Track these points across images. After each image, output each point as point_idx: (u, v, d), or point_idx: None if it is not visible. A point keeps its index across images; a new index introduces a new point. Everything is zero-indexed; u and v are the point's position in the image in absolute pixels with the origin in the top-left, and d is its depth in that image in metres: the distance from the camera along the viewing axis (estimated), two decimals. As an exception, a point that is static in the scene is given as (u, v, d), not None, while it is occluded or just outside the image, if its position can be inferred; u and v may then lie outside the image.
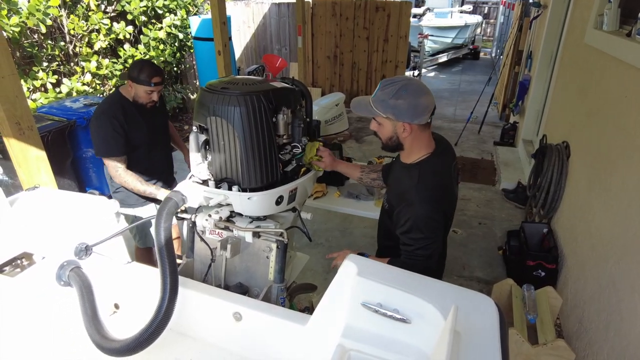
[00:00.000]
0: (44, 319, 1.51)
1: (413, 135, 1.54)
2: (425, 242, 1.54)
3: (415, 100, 1.47)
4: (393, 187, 1.71)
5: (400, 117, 1.50)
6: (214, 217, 1.50)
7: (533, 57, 5.48)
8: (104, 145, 2.27)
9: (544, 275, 2.87)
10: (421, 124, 1.52)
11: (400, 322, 1.13)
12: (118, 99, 2.33)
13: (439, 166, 1.60)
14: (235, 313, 1.41)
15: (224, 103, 1.38)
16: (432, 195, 1.53)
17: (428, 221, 1.52)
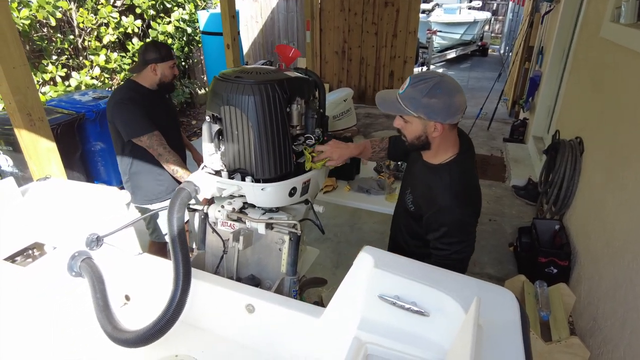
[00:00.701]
0: (55, 309, 1.51)
1: (442, 135, 1.47)
2: (460, 246, 1.50)
3: (450, 99, 1.40)
4: (420, 190, 1.62)
5: (432, 117, 1.42)
6: (227, 208, 1.48)
7: (544, 52, 5.41)
8: (135, 124, 2.19)
9: (556, 272, 2.83)
10: (452, 123, 1.46)
11: (418, 315, 1.10)
12: (133, 87, 2.30)
13: (467, 164, 1.55)
14: (248, 305, 1.40)
15: (238, 92, 1.35)
16: (465, 198, 1.48)
17: (463, 225, 1.48)
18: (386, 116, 7.03)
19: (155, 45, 2.28)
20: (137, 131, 2.19)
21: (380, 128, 6.45)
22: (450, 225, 1.48)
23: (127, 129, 2.22)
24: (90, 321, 1.40)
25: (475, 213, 1.52)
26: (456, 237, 1.49)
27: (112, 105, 2.26)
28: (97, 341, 1.42)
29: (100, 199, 1.66)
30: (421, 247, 1.64)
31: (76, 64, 4.61)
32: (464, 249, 1.51)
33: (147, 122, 2.20)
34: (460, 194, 1.47)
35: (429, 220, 1.54)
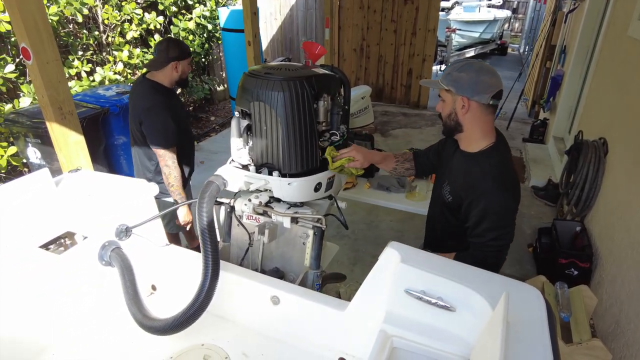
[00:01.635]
0: (87, 295, 1.56)
1: (472, 115, 1.49)
2: (499, 232, 1.48)
3: (477, 76, 1.44)
4: (459, 179, 1.60)
5: (459, 91, 1.46)
6: (253, 202, 1.51)
7: (567, 51, 5.32)
8: (162, 137, 2.29)
9: (576, 274, 2.80)
10: (481, 102, 1.46)
11: (444, 310, 1.12)
12: (156, 88, 2.36)
13: (505, 156, 1.56)
14: (273, 297, 1.43)
15: (267, 88, 1.38)
16: (506, 183, 1.48)
17: (503, 210, 1.47)
18: (403, 114, 7.00)
19: (177, 43, 2.33)
20: (161, 143, 2.29)
21: (397, 126, 6.43)
22: (489, 210, 1.46)
23: (153, 137, 2.31)
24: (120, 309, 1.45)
25: (515, 199, 1.50)
26: (496, 223, 1.47)
27: (145, 110, 2.31)
28: (126, 328, 1.46)
29: (129, 191, 1.71)
30: (456, 246, 1.64)
31: (100, 59, 4.71)
32: (503, 236, 1.49)
33: (172, 134, 2.29)
34: (499, 178, 1.47)
35: (469, 208, 1.52)
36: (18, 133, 3.35)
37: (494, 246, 1.50)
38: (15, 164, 3.45)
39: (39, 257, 1.51)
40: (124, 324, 1.49)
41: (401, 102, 7.43)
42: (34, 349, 1.40)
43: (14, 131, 3.36)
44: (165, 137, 2.29)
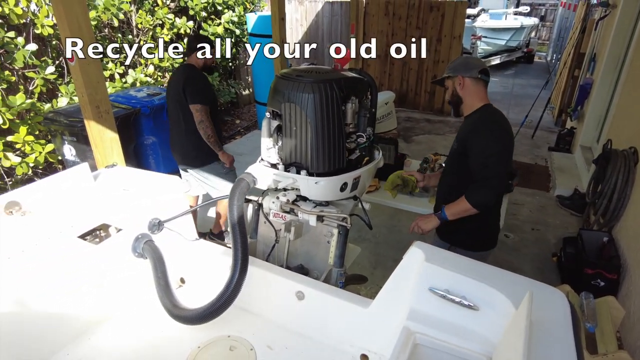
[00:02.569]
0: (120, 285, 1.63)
1: (467, 89, 1.94)
2: (496, 158, 1.82)
3: (465, 59, 2.01)
4: (462, 128, 2.02)
5: (455, 72, 1.95)
6: (281, 200, 1.56)
7: (597, 59, 5.22)
8: (200, 94, 2.79)
9: (603, 285, 2.74)
10: (472, 77, 1.92)
11: (468, 309, 1.14)
12: (194, 67, 2.90)
13: (498, 111, 1.97)
14: (298, 292, 1.47)
15: (298, 90, 1.43)
16: (498, 121, 1.90)
17: (498, 142, 1.84)
18: (427, 120, 6.98)
19: (197, 36, 3.09)
20: (199, 100, 2.77)
21: (420, 132, 6.41)
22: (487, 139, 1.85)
23: (194, 96, 2.78)
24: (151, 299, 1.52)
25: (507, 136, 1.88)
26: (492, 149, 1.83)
27: (187, 78, 2.81)
28: (157, 318, 1.53)
29: (161, 187, 1.78)
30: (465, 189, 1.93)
31: (132, 62, 4.88)
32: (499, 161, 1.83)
33: (207, 96, 2.83)
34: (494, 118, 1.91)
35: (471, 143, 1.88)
36: (55, 131, 3.51)
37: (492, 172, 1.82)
38: (52, 160, 3.61)
39: (79, 247, 1.60)
40: (155, 314, 1.55)
41: (425, 108, 7.41)
42: (70, 334, 1.48)
43: (52, 129, 3.52)
44: (203, 96, 2.79)
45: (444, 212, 1.95)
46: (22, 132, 3.33)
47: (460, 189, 1.95)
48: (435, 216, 2.01)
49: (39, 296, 1.41)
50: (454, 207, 1.93)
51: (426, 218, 2.04)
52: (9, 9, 3.31)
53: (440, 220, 1.98)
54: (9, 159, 3.31)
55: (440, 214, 1.97)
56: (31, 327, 1.38)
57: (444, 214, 1.95)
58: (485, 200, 1.85)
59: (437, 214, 1.99)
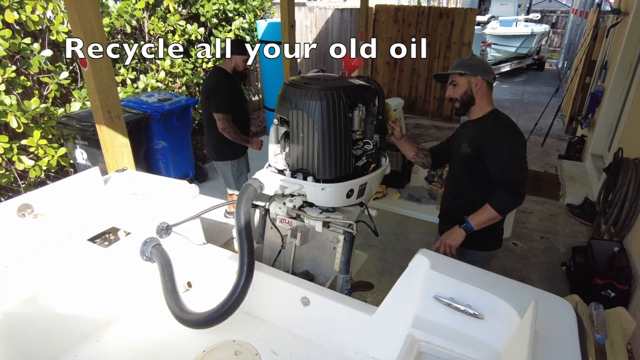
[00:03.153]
0: (127, 288, 1.65)
1: (482, 91, 1.92)
2: (518, 163, 1.83)
3: (483, 62, 2.00)
4: (475, 135, 1.95)
5: (474, 72, 1.89)
6: (287, 205, 1.57)
7: (609, 67, 5.18)
8: (222, 103, 3.03)
9: (614, 295, 2.70)
10: (489, 80, 1.92)
11: (473, 318, 1.13)
12: (220, 72, 3.16)
13: (506, 115, 1.96)
14: (303, 298, 1.48)
15: (305, 97, 1.45)
16: (512, 125, 1.88)
17: (518, 148, 1.85)
18: (436, 127, 6.96)
19: (234, 41, 3.17)
20: (221, 109, 3.03)
21: (429, 139, 6.40)
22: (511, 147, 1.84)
23: (214, 104, 3.05)
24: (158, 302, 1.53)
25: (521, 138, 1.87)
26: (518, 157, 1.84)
27: (209, 87, 3.09)
28: (163, 321, 1.54)
29: (170, 191, 1.81)
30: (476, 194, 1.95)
31: (144, 67, 4.95)
32: (524, 167, 1.85)
33: (228, 104, 3.04)
34: (512, 125, 1.89)
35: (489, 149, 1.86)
36: (68, 135, 3.57)
37: (520, 178, 1.82)
38: (64, 164, 3.66)
39: (88, 250, 1.62)
40: (162, 317, 1.57)
41: (434, 115, 7.40)
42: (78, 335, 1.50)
43: (64, 133, 3.58)
44: (225, 104, 3.02)
45: (469, 223, 1.88)
46: (36, 135, 3.39)
47: (473, 195, 1.95)
48: (460, 228, 1.91)
49: (48, 297, 1.43)
50: (479, 216, 1.87)
51: (451, 234, 1.94)
52: (26, 16, 3.38)
53: (466, 232, 1.90)
54: (23, 162, 3.37)
55: (465, 226, 1.89)
56: (40, 328, 1.40)
57: (470, 225, 1.88)
58: (512, 206, 1.89)
59: (463, 226, 1.90)
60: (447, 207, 2.14)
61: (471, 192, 1.97)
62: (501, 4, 12.68)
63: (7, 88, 3.32)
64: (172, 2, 4.89)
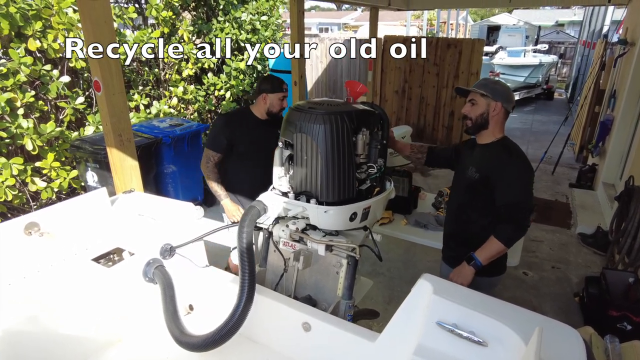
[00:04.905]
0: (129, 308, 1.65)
1: (498, 117, 1.89)
2: (528, 197, 1.82)
3: (508, 90, 1.94)
4: (485, 160, 1.93)
5: (496, 96, 1.86)
6: (290, 228, 1.57)
7: (617, 96, 5.18)
8: (209, 138, 2.54)
9: (630, 329, 2.60)
10: (507, 109, 1.89)
11: (476, 345, 1.10)
12: (242, 111, 2.66)
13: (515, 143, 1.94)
14: (304, 323, 1.45)
15: (310, 121, 1.47)
16: (522, 155, 1.88)
17: (524, 178, 1.83)
18: (444, 155, 6.94)
19: (268, 78, 2.55)
20: (207, 143, 2.53)
21: (437, 167, 6.38)
22: (519, 176, 1.83)
23: (207, 138, 2.59)
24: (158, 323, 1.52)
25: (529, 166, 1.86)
26: (524, 187, 1.83)
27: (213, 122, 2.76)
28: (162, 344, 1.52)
29: (175, 213, 1.82)
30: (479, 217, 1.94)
31: (157, 94, 5.10)
32: (529, 200, 1.83)
33: (219, 142, 2.48)
34: (521, 154, 1.89)
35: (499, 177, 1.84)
36: (80, 158, 3.65)
37: (524, 209, 1.80)
38: (75, 186, 3.73)
39: (92, 269, 1.63)
40: (162, 339, 1.55)
41: (442, 143, 7.41)
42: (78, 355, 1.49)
43: (77, 156, 3.66)
44: (211, 140, 2.51)
45: (477, 260, 1.82)
46: (49, 158, 3.47)
47: (476, 217, 1.94)
48: (469, 266, 1.85)
49: (49, 317, 1.43)
50: (486, 251, 1.82)
51: (460, 273, 1.87)
52: (47, 44, 3.53)
53: (475, 269, 1.84)
54: (36, 183, 3.44)
55: (474, 263, 1.83)
56: (39, 347, 1.39)
57: (478, 262, 1.82)
58: (517, 238, 1.85)
59: (472, 263, 1.83)
60: (451, 229, 2.12)
61: (474, 214, 1.96)
62: (509, 35, 12.90)
63: (25, 112, 3.43)
64: (187, 32, 5.07)
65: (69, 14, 3.57)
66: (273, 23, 6.24)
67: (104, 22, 2.24)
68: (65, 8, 3.53)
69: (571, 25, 21.15)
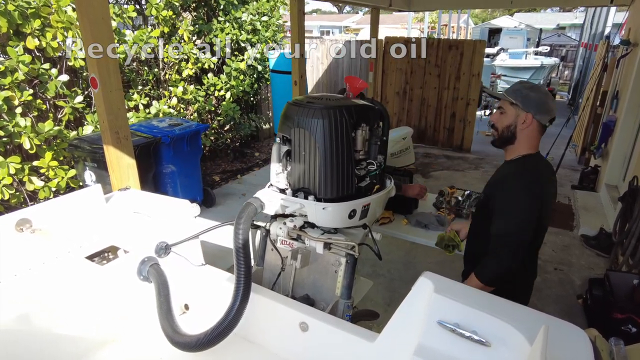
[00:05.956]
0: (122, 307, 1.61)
1: (529, 130, 1.63)
2: (514, 229, 1.56)
3: (545, 98, 1.61)
4: (495, 178, 1.80)
5: (526, 107, 1.60)
6: (288, 225, 1.54)
7: (620, 97, 5.14)
8: None
9: (635, 331, 2.56)
10: (541, 122, 1.61)
11: (479, 345, 1.06)
12: None
13: (542, 163, 1.67)
14: (302, 323, 1.41)
15: (308, 115, 1.44)
16: (529, 184, 1.58)
17: (519, 207, 1.56)
18: (446, 157, 6.92)
19: None
20: None
21: (439, 168, 6.35)
22: (508, 203, 1.60)
23: None
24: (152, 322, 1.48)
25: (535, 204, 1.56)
26: (511, 219, 1.58)
27: None
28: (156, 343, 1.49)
29: (171, 210, 1.78)
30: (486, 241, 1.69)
31: (157, 94, 5.07)
32: (515, 240, 1.56)
33: None
34: (525, 178, 1.60)
35: (494, 200, 1.66)
36: (79, 157, 3.62)
37: (507, 248, 1.57)
38: (73, 185, 3.70)
39: (85, 267, 1.60)
40: (156, 339, 1.51)
41: (444, 144, 7.38)
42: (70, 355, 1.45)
43: (75, 155, 3.63)
44: None
45: None
46: (47, 157, 3.44)
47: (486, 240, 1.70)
48: None
49: (41, 316, 1.39)
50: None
51: None
52: (46, 43, 3.51)
53: None
54: (33, 182, 3.42)
55: None
56: (31, 347, 1.35)
57: None
58: (496, 276, 1.61)
59: None
60: (467, 246, 2.00)
61: (485, 236, 1.71)
62: (510, 37, 12.92)
63: (23, 110, 3.40)
64: (187, 32, 5.05)
65: (68, 13, 3.55)
66: (274, 24, 6.23)
67: (102, 19, 2.22)
68: (64, 6, 3.51)
69: (572, 28, 21.13)
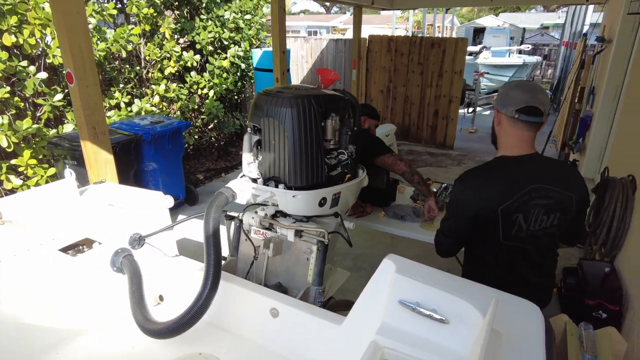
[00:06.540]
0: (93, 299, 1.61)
1: (502, 128, 1.55)
2: (445, 216, 1.74)
3: (507, 90, 1.53)
4: None
5: (495, 104, 1.57)
6: (260, 214, 1.56)
7: (596, 92, 5.26)
8: None
9: (605, 317, 2.63)
10: (508, 115, 1.50)
11: (438, 323, 1.09)
12: None
13: (508, 165, 1.54)
14: (272, 309, 1.44)
15: (277, 105, 1.47)
16: (468, 180, 1.61)
17: (452, 199, 1.72)
18: (429, 154, 7.00)
19: (370, 106, 3.05)
20: None
21: (422, 164, 6.42)
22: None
23: None
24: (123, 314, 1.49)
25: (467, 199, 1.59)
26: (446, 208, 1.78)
27: None
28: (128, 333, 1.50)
29: (146, 202, 1.79)
30: None
31: (139, 92, 5.05)
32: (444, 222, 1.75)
33: None
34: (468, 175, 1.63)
35: None
36: (59, 156, 3.59)
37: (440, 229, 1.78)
38: (53, 184, 3.67)
39: (57, 259, 1.60)
40: (128, 329, 1.52)
41: (427, 142, 7.46)
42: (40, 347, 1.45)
43: (55, 153, 3.60)
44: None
45: None
46: (25, 155, 3.41)
47: None
48: None
49: (10, 307, 1.40)
50: None
51: None
52: (24, 40, 3.48)
53: None
54: (11, 181, 3.38)
55: None
56: (1, 338, 1.35)
57: None
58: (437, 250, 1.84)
59: None
60: None
61: None
62: (494, 35, 13.08)
63: (0, 108, 3.37)
64: (169, 29, 5.04)
65: (46, 9, 3.52)
66: (257, 22, 6.24)
67: (77, 12, 2.21)
68: (41, 3, 3.48)
69: (556, 27, 21.48)
